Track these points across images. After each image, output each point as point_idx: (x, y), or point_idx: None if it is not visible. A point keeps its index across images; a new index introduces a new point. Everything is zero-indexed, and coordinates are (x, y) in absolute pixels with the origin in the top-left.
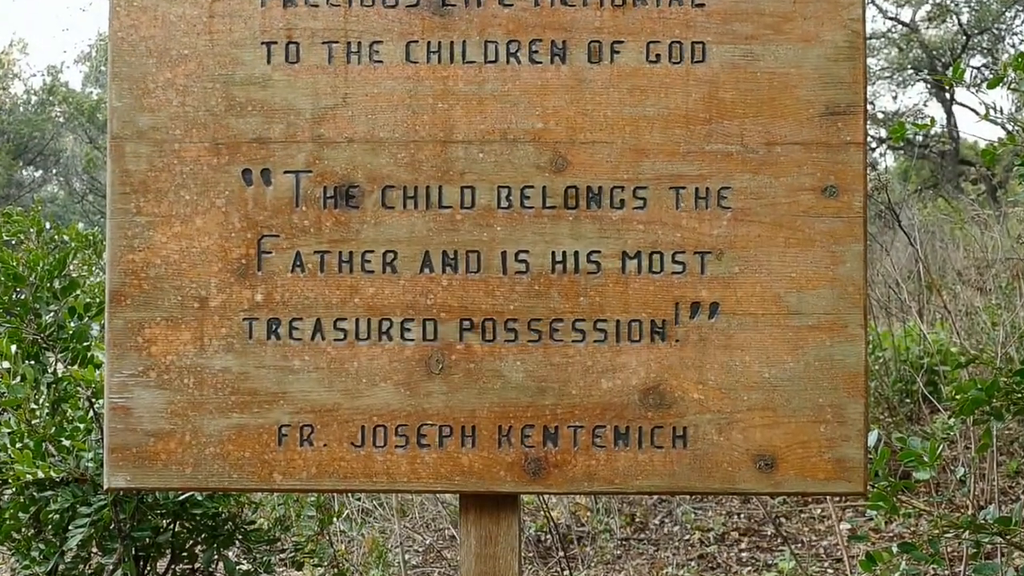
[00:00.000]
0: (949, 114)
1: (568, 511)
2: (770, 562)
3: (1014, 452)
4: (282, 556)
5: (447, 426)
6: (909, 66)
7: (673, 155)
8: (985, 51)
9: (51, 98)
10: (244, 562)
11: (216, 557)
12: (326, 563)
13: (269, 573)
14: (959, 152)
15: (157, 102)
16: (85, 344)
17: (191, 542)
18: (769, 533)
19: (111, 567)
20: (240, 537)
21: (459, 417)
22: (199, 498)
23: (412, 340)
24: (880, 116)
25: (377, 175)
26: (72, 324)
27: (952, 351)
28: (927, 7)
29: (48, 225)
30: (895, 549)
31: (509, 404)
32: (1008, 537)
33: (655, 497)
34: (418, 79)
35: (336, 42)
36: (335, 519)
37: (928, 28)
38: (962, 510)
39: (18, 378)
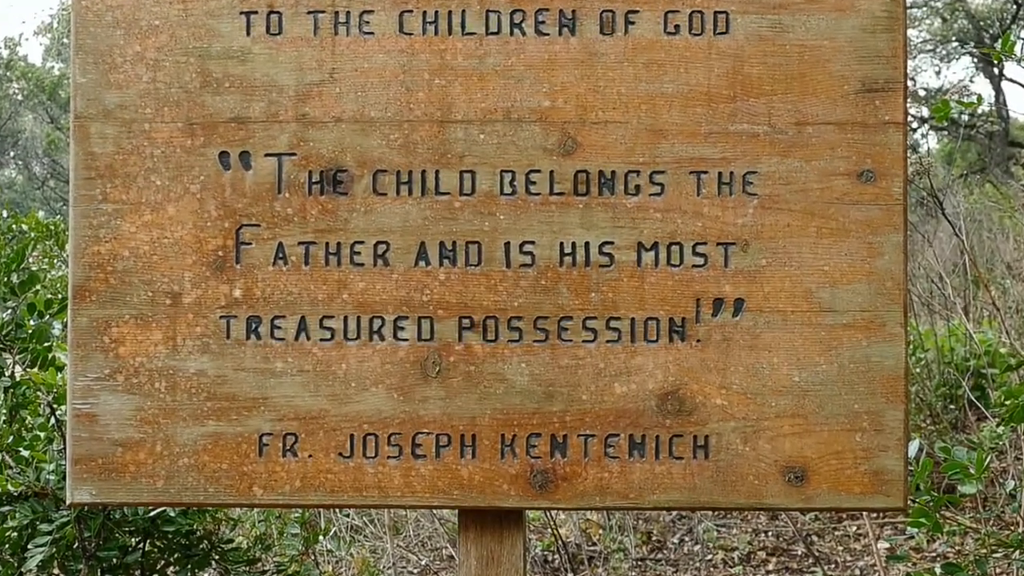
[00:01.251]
0: (998, 91)
1: (578, 528)
2: None
3: None
4: None
5: (445, 435)
6: (954, 38)
7: (694, 136)
8: None
9: (8, 73)
10: None
11: None
12: None
13: None
14: (1009, 133)
15: (125, 78)
16: (46, 344)
17: (163, 562)
18: (799, 553)
19: None
20: (217, 557)
21: (458, 425)
22: (171, 514)
23: (406, 340)
24: (922, 93)
25: (368, 158)
26: (31, 322)
27: (1001, 352)
28: None
29: (5, 213)
30: (938, 570)
31: (513, 411)
32: None
33: (674, 513)
34: (413, 52)
35: (322, 11)
36: (321, 537)
37: None
38: (1012, 527)
39: None
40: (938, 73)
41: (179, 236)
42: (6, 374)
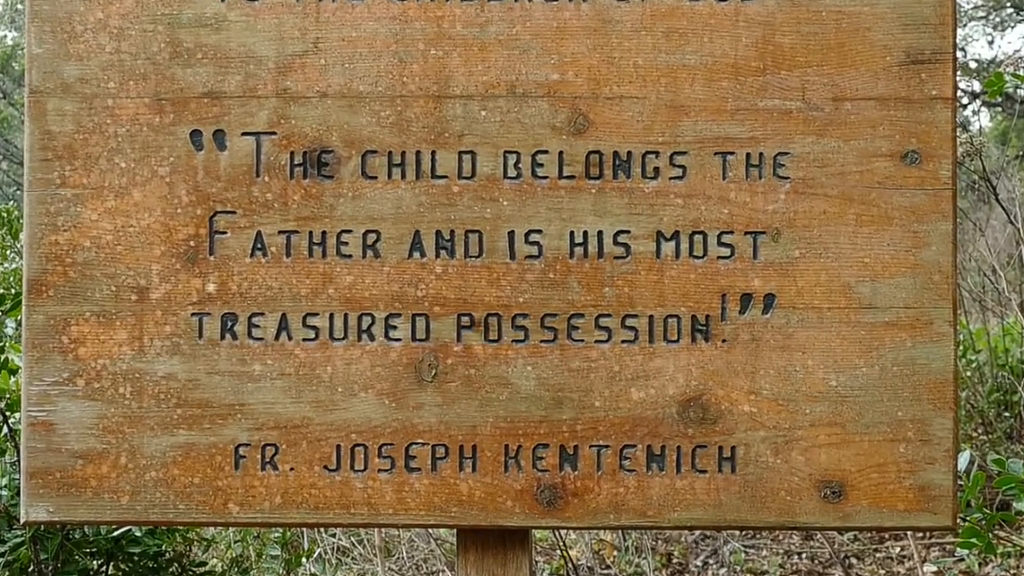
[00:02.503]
0: None
1: (590, 550)
2: None
3: None
4: None
5: (442, 445)
6: (1008, 4)
7: (719, 113)
8: None
9: None
10: None
11: None
12: None
13: None
14: None
15: (86, 48)
16: None
17: None
18: None
19: None
20: None
21: (456, 435)
22: (138, 534)
23: (399, 340)
24: (973, 65)
25: (356, 138)
26: None
27: None
28: None
29: None
30: None
31: (518, 419)
32: None
33: (697, 533)
34: (406, 20)
35: None
36: (304, 560)
37: None
38: None
39: None
40: (991, 43)
41: (146, 224)
42: None
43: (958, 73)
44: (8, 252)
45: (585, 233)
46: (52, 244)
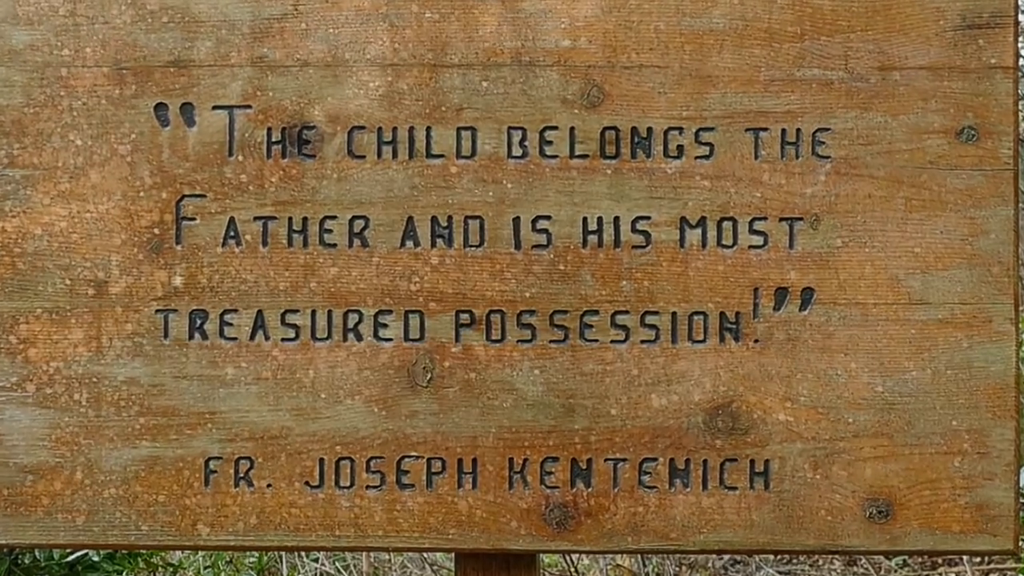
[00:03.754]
0: None
1: None
2: None
3: None
4: None
5: (438, 459)
6: None
7: (751, 84)
8: None
9: None
10: None
11: None
12: None
13: None
14: None
15: (37, 10)
16: None
17: None
18: None
19: None
20: None
21: (455, 446)
22: (95, 558)
23: (390, 340)
24: None
25: (341, 112)
26: None
27: None
28: None
29: None
30: None
31: (524, 429)
32: None
33: (726, 558)
34: None
35: None
36: None
37: None
38: None
39: None
40: None
41: (105, 210)
42: None
43: (1020, 39)
44: None
45: (600, 219)
46: None
